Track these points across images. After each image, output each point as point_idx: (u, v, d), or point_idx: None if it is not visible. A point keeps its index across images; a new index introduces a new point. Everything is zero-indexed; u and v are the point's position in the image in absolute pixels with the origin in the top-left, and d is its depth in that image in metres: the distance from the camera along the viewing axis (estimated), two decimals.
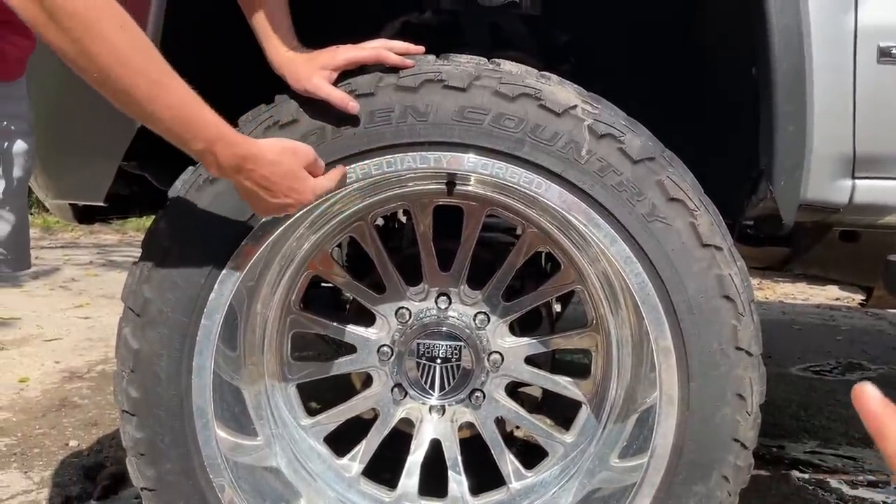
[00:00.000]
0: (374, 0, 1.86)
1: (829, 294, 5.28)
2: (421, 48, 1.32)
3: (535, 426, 1.53)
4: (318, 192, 1.20)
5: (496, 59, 1.34)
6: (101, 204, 1.49)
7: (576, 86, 1.32)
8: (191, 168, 1.33)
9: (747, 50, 1.41)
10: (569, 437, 1.52)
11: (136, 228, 7.41)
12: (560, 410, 1.84)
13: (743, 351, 1.26)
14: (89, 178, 1.50)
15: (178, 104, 1.05)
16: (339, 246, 1.77)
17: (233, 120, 1.37)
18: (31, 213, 7.14)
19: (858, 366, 3.59)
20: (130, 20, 1.01)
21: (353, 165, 1.29)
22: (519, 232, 1.53)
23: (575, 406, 1.54)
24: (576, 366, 1.98)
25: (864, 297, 2.38)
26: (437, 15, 1.86)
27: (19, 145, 1.25)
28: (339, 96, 1.25)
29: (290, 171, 1.16)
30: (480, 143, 1.27)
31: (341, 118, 1.27)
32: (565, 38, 1.97)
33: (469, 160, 1.28)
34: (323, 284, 1.68)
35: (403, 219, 2.00)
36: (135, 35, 1.02)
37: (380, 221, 1.88)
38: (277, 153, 1.15)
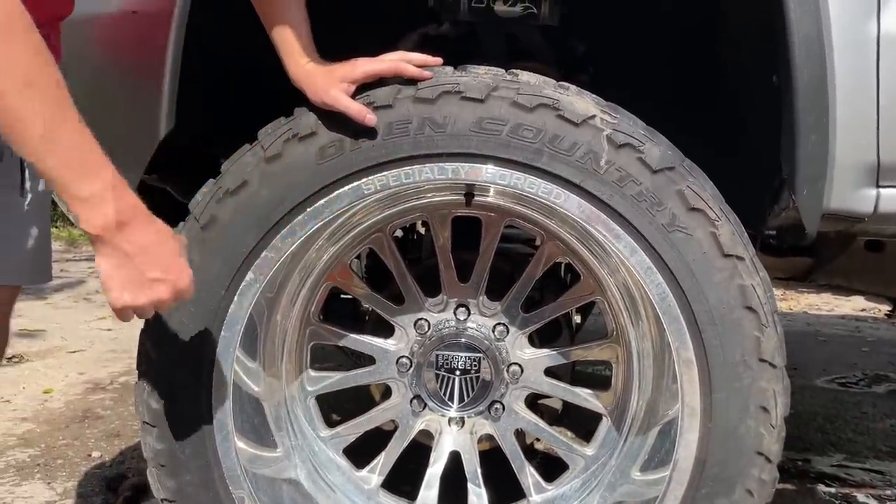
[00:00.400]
0: (392, 13, 1.87)
1: (854, 305, 5.20)
2: (439, 59, 1.33)
3: (556, 438, 1.52)
4: (190, 278, 1.08)
5: (514, 70, 1.34)
6: None
7: (594, 96, 1.32)
8: (211, 181, 1.34)
9: (768, 57, 1.40)
10: (589, 450, 1.51)
11: None
12: (580, 422, 1.83)
13: (766, 363, 1.25)
14: None
15: (78, 139, 0.96)
16: (358, 257, 1.77)
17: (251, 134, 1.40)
18: (56, 227, 7.24)
19: (885, 378, 3.53)
20: (37, 41, 0.93)
21: (371, 177, 1.29)
22: (538, 243, 1.52)
23: (595, 418, 1.52)
24: (596, 377, 1.97)
25: (890, 308, 2.35)
26: (454, 27, 1.87)
27: None
28: (357, 109, 1.26)
29: (174, 248, 1.06)
30: (498, 153, 1.27)
31: (360, 130, 1.28)
32: (583, 47, 1.97)
33: (487, 171, 1.28)
34: (342, 296, 1.68)
35: (422, 230, 2.00)
36: (42, 59, 0.93)
37: (399, 233, 1.88)
38: (166, 227, 1.07)
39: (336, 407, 1.93)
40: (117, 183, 1.00)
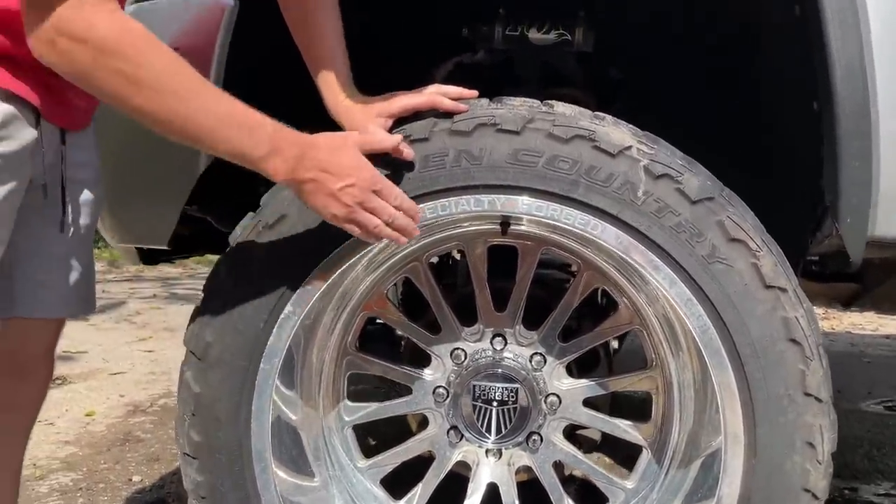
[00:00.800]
0: (427, 42, 1.88)
1: None
2: (474, 92, 1.34)
3: (595, 471, 1.50)
4: (371, 171, 1.17)
5: (549, 101, 1.34)
6: (165, 248, 1.54)
7: (631, 126, 1.31)
8: (251, 214, 1.36)
9: (808, 82, 1.38)
10: (630, 483, 1.48)
11: (197, 261, 7.59)
12: (620, 453, 1.80)
13: (812, 397, 1.22)
14: (154, 222, 1.55)
15: (234, 114, 1.05)
16: (395, 285, 1.77)
17: None
18: (98, 247, 7.41)
19: None
20: (168, 48, 1.02)
21: None
22: (574, 269, 1.51)
23: (636, 449, 1.50)
24: (635, 406, 1.94)
25: None
26: (489, 54, 1.88)
27: (86, 195, 1.30)
28: (392, 142, 1.26)
29: (344, 154, 1.15)
30: (535, 185, 1.27)
31: (397, 163, 1.28)
32: (618, 73, 1.97)
33: (523, 203, 1.28)
34: (377, 323, 1.68)
35: (458, 255, 2.00)
36: (181, 62, 1.03)
37: (434, 258, 1.88)
38: (330, 136, 1.18)
39: (373, 436, 1.93)
40: (276, 128, 1.10)
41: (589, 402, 1.49)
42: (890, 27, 1.29)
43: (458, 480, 1.53)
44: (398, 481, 1.55)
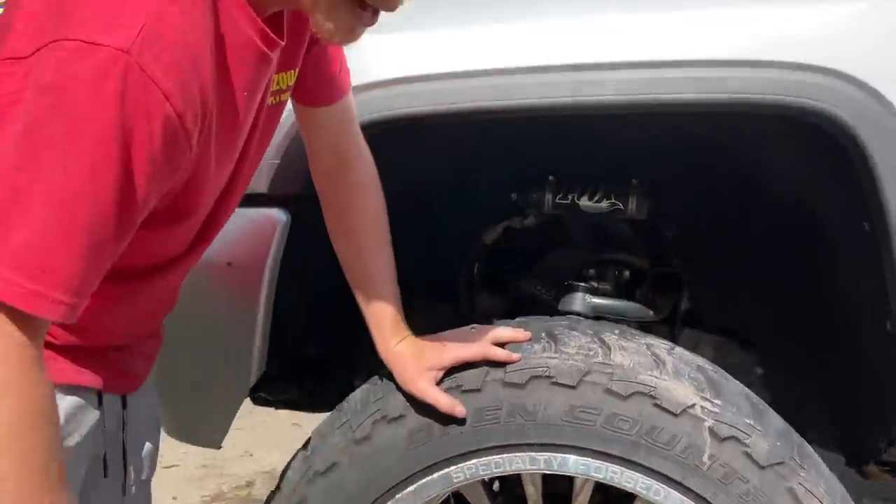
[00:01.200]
0: (476, 206, 1.86)
1: None
2: (527, 334, 1.30)
3: None
4: None
5: (606, 343, 1.28)
6: None
7: (695, 374, 1.25)
8: (301, 457, 1.34)
9: (881, 299, 1.30)
10: None
11: None
12: None
13: None
14: (208, 429, 1.57)
15: None
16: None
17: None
18: None
19: None
20: (55, 433, 0.85)
21: (460, 465, 1.26)
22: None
23: None
24: None
25: None
26: (539, 219, 1.84)
27: (147, 447, 1.31)
28: (446, 402, 1.23)
29: None
30: (593, 446, 1.22)
31: (448, 418, 1.25)
32: (674, 231, 1.91)
33: (581, 463, 1.23)
34: None
35: None
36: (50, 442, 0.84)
37: None
38: None
39: None
40: None
41: None
42: None
43: None
44: None
